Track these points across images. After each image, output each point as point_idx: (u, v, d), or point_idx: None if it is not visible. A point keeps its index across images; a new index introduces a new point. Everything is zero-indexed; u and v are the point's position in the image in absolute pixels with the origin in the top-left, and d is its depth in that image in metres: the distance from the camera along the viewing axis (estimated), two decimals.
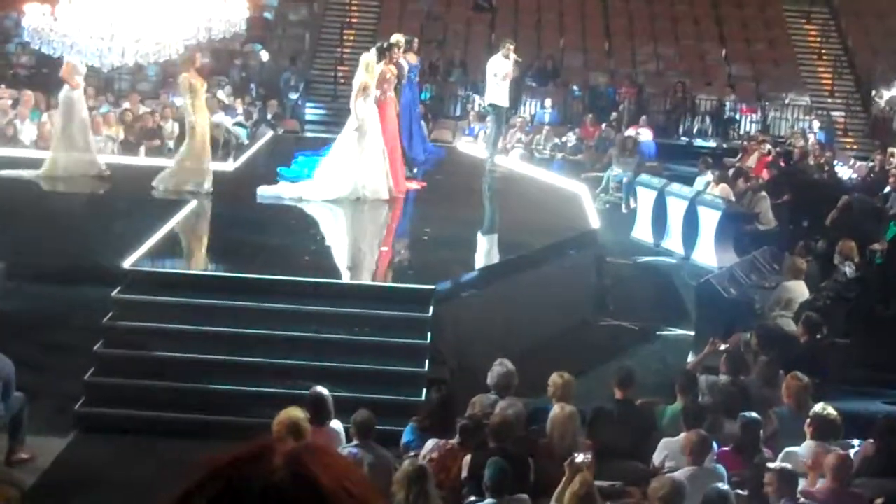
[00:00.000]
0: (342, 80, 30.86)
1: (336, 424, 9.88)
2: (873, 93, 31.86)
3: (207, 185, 16.74)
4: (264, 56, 30.08)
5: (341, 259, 15.06)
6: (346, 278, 13.87)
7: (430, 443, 9.53)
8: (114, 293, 12.78)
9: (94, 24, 15.84)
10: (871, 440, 9.82)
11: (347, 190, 16.64)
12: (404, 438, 10.12)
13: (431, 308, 12.89)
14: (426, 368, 12.42)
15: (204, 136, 16.87)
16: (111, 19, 15.82)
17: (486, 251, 16.26)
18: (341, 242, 16.12)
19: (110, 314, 12.62)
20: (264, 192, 16.92)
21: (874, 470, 9.50)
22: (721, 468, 9.23)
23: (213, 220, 16.36)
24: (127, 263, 13.18)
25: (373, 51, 17.90)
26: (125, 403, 11.97)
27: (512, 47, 20.62)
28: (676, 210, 20.11)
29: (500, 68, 20.13)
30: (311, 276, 13.35)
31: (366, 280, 14.19)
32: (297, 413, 8.84)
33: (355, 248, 16.01)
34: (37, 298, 13.38)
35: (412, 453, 9.59)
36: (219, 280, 13.56)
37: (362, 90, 16.69)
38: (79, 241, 14.72)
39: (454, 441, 9.49)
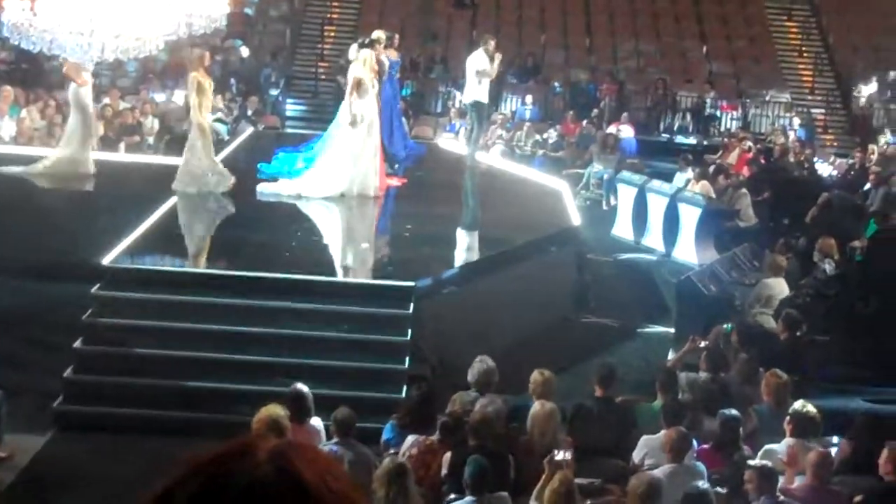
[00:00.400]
0: (323, 77, 30.87)
1: (316, 422, 9.87)
2: (853, 90, 31.96)
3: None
4: (244, 52, 30.01)
5: (322, 256, 15.02)
6: (326, 275, 13.82)
7: (410, 439, 9.52)
8: (94, 290, 12.73)
9: (74, 19, 15.77)
10: (849, 438, 9.84)
11: (345, 186, 16.64)
12: (384, 436, 10.11)
13: (412, 305, 12.88)
14: (406, 365, 12.42)
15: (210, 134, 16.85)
16: (91, 14, 15.75)
17: (466, 248, 16.25)
18: (322, 239, 16.07)
19: (90, 311, 12.58)
20: (264, 189, 16.90)
21: (852, 468, 9.53)
22: (701, 465, 9.25)
23: (193, 216, 16.31)
24: (107, 260, 13.13)
25: (354, 46, 17.89)
26: (105, 401, 11.94)
27: (493, 42, 20.58)
28: (657, 207, 20.14)
29: (484, 66, 20.02)
30: (291, 272, 13.32)
31: (346, 277, 14.17)
32: (277, 410, 8.82)
33: (336, 245, 15.98)
34: (16, 294, 13.30)
35: (392, 450, 9.59)
36: (199, 277, 13.51)
37: (356, 86, 16.67)
38: (59, 238, 14.65)
39: (434, 438, 9.48)
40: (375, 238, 16.49)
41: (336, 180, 16.63)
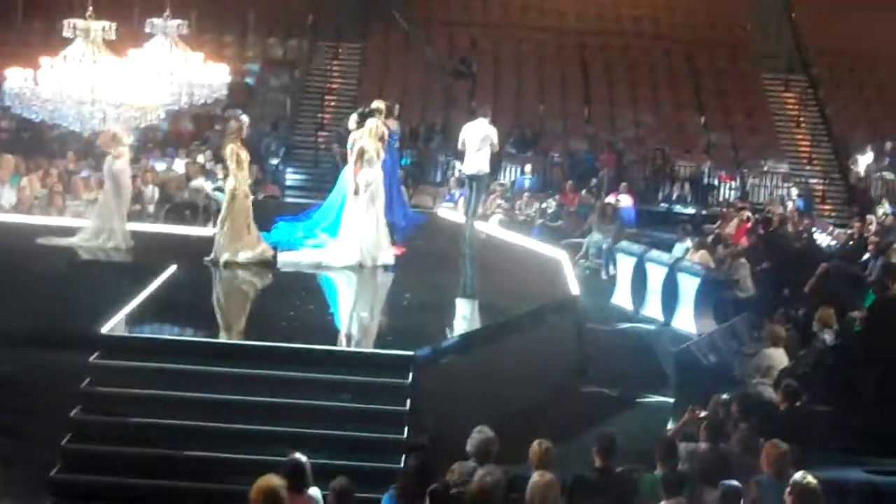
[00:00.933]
0: (323, 146, 31.00)
1: (314, 492, 9.80)
2: (850, 160, 32.11)
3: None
4: (245, 121, 30.09)
5: (320, 324, 15.00)
6: (324, 344, 13.78)
7: None
8: (91, 359, 12.70)
9: (76, 88, 15.86)
10: None
11: (359, 256, 16.74)
12: None
13: (411, 374, 12.84)
14: (405, 435, 12.35)
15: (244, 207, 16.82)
16: (92, 84, 15.84)
17: (465, 317, 16.24)
18: (320, 308, 16.07)
19: (88, 380, 12.54)
20: (284, 258, 16.96)
21: None
22: None
23: (192, 285, 16.26)
24: (105, 329, 13.11)
25: (354, 116, 17.97)
26: (103, 470, 11.85)
27: (490, 113, 20.72)
28: (656, 277, 20.16)
29: (494, 135, 20.11)
30: (289, 341, 13.30)
31: (344, 346, 14.13)
32: (274, 480, 8.76)
33: (334, 314, 15.98)
34: (14, 363, 13.26)
35: None
36: (196, 346, 13.48)
37: (359, 155, 16.78)
38: (57, 306, 14.66)
39: None
40: (374, 307, 16.47)
41: (351, 250, 16.77)
